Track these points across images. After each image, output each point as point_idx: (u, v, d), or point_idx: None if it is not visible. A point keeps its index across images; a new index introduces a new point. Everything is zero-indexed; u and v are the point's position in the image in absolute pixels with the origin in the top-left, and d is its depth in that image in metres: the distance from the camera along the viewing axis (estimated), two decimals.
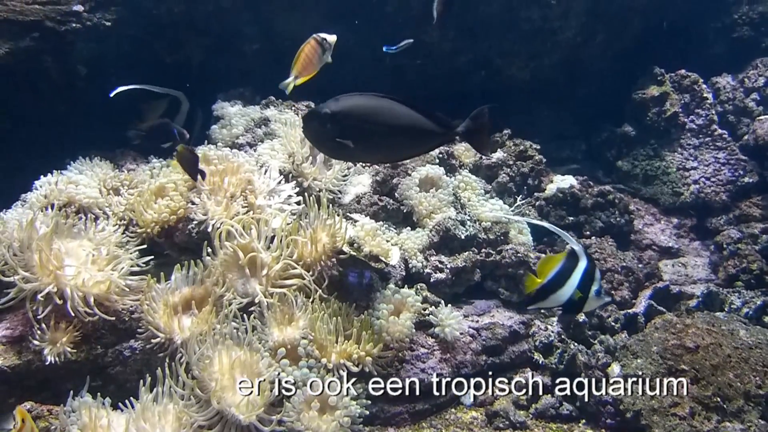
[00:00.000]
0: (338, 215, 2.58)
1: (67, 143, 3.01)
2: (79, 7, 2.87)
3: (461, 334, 2.69)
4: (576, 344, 2.75)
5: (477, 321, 2.84)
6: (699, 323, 2.64)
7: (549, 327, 2.84)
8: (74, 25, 2.87)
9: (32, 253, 2.27)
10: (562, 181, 3.60)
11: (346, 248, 2.53)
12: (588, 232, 3.44)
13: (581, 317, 2.86)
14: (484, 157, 3.51)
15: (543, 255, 3.17)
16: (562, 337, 2.80)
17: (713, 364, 2.44)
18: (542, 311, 2.94)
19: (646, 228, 3.68)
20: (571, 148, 4.23)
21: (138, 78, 3.06)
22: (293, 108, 3.22)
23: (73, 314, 2.22)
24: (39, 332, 2.23)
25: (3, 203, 2.70)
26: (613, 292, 3.15)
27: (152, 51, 3.06)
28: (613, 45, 3.97)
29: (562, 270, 2.14)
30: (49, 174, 2.75)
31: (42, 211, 2.52)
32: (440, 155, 3.36)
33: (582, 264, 2.11)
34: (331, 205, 2.68)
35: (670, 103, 3.89)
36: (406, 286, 2.75)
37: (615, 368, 2.60)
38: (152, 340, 2.29)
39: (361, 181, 3.10)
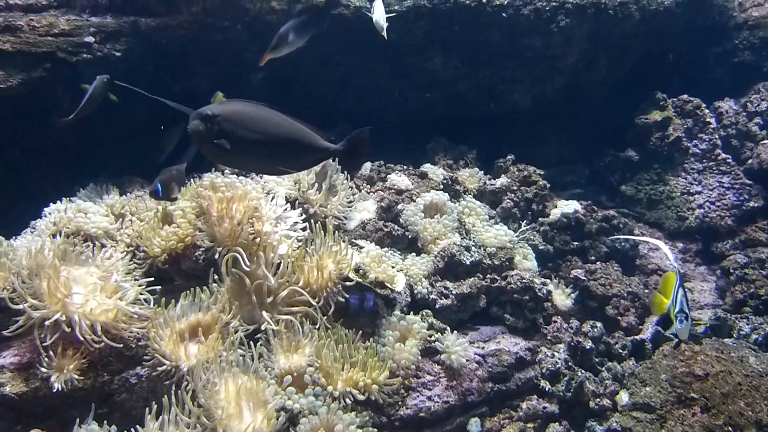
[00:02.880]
0: (344, 242, 2.59)
1: (76, 170, 3.06)
2: (90, 39, 2.94)
3: (467, 360, 2.68)
4: (583, 371, 2.73)
5: (483, 347, 2.83)
6: (708, 350, 2.63)
7: (556, 354, 2.83)
8: (85, 55, 2.93)
9: (41, 281, 2.29)
10: (566, 206, 3.60)
11: (351, 275, 2.54)
12: (593, 257, 3.43)
13: (588, 344, 2.85)
14: (488, 182, 3.53)
15: (548, 281, 3.18)
16: (569, 364, 2.79)
17: (723, 392, 2.42)
18: (548, 338, 2.93)
19: (651, 253, 3.68)
20: (574, 173, 4.25)
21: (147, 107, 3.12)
22: None
23: (82, 340, 2.22)
24: (46, 359, 2.23)
25: (13, 230, 2.73)
26: (619, 318, 3.13)
27: (161, 80, 3.11)
28: (615, 71, 4.02)
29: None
30: (58, 201, 2.78)
31: (51, 239, 2.55)
32: (444, 181, 3.38)
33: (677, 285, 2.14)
34: (336, 231, 2.70)
35: (673, 128, 3.92)
36: (411, 312, 2.75)
37: (623, 396, 2.59)
38: (158, 368, 2.29)
39: (366, 207, 3.12)
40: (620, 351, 2.89)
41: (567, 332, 2.95)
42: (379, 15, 3.09)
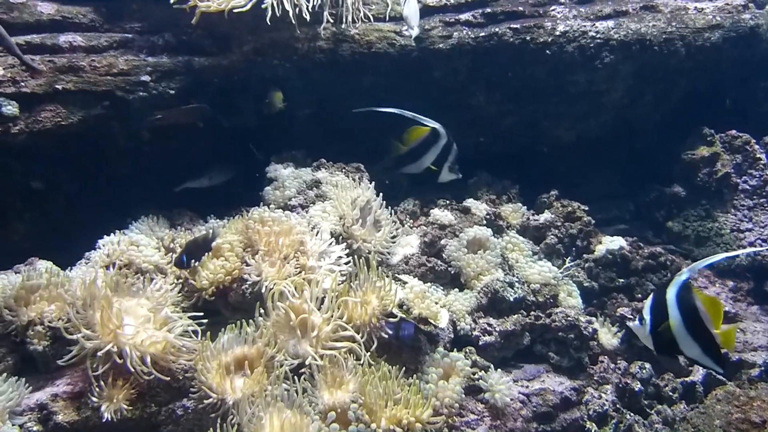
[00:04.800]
0: (387, 277, 2.61)
1: (129, 203, 3.16)
2: (146, 78, 3.06)
3: (511, 400, 2.64)
4: (632, 414, 2.66)
5: (527, 386, 2.79)
6: (764, 395, 2.53)
7: (603, 395, 2.76)
8: (141, 93, 3.05)
9: (94, 312, 2.36)
10: (611, 243, 3.55)
11: (395, 311, 2.54)
12: (639, 295, 3.35)
13: (636, 386, 2.77)
14: (531, 218, 3.51)
15: (593, 318, 3.12)
16: (617, 406, 2.71)
17: None
18: (595, 378, 2.86)
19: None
20: (619, 209, 4.19)
21: (201, 142, 3.23)
22: (343, 170, 3.30)
23: (132, 371, 2.28)
24: (97, 389, 2.29)
25: (68, 261, 2.83)
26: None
27: (212, 116, 3.22)
28: (660, 106, 3.98)
29: None
30: (111, 233, 2.88)
31: (104, 270, 2.63)
32: (487, 216, 3.38)
33: None
34: (380, 266, 2.71)
35: (722, 164, 3.84)
36: (454, 349, 2.73)
37: None
38: (205, 400, 2.32)
39: (409, 242, 3.14)
40: (670, 394, 2.80)
41: (614, 373, 2.88)
42: (409, 11, 3.13)
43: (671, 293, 2.07)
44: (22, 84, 2.87)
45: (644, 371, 2.88)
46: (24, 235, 3.08)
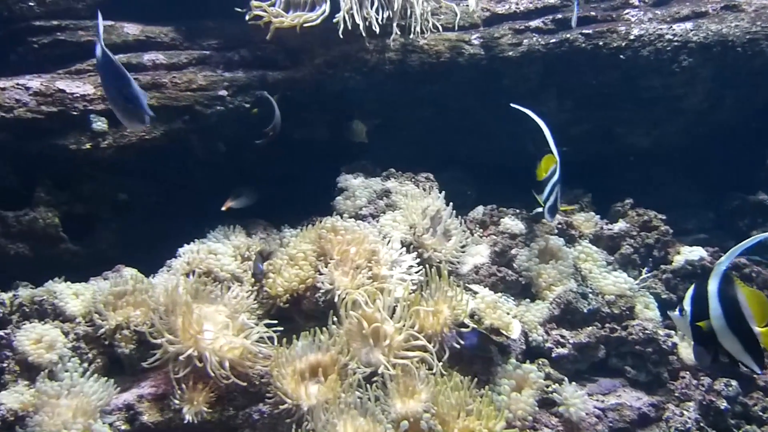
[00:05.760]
0: (459, 287, 2.60)
1: (207, 213, 3.28)
2: (223, 92, 3.19)
3: (586, 414, 2.57)
4: None
5: (602, 401, 2.72)
6: None
7: (685, 412, 2.64)
8: (219, 107, 3.18)
9: (176, 318, 2.47)
10: (690, 253, 3.40)
11: (467, 321, 2.53)
12: None
13: (722, 404, 2.64)
14: (605, 227, 3.42)
15: (672, 332, 3.00)
16: (701, 424, 2.59)
17: None
18: (675, 395, 2.75)
19: None
20: (698, 218, 4.01)
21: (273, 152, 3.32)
22: (413, 180, 3.32)
23: (212, 375, 2.36)
24: (179, 392, 2.38)
25: (151, 268, 2.97)
26: (755, 375, 2.88)
27: (283, 128, 3.30)
28: (743, 110, 3.79)
29: None
30: (191, 242, 3.00)
31: (184, 278, 2.74)
32: (559, 225, 3.31)
33: None
34: (450, 276, 2.71)
35: None
36: (527, 361, 2.69)
37: None
38: (280, 406, 2.37)
39: (478, 251, 3.11)
40: (760, 413, 2.65)
41: (697, 389, 2.75)
42: None
43: (712, 285, 1.96)
44: None
45: (730, 389, 2.74)
46: (111, 243, 3.25)
